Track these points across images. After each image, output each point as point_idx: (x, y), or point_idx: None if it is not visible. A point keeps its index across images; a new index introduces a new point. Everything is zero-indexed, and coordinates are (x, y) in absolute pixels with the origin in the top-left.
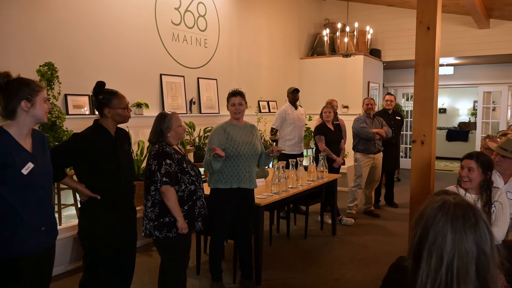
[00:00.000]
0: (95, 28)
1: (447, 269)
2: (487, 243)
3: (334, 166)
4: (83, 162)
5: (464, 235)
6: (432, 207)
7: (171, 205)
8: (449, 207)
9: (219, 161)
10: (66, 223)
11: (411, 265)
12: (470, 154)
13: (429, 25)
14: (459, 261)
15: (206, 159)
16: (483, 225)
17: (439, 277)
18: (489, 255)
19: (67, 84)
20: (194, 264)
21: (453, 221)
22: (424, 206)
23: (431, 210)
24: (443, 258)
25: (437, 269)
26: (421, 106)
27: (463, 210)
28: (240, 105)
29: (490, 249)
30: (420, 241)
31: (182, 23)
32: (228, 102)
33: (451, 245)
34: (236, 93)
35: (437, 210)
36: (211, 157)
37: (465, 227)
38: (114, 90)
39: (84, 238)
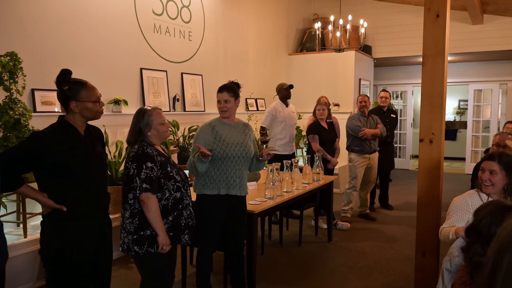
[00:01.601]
0: (68, 16)
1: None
2: None
3: (329, 167)
4: (44, 166)
5: None
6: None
7: (151, 216)
8: None
9: (204, 162)
10: (33, 235)
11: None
12: (492, 155)
13: (438, 12)
14: None
15: (190, 160)
16: None
17: None
18: None
19: (34, 78)
20: (180, 278)
21: None
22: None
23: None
24: None
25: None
26: (429, 102)
27: None
28: (226, 102)
29: None
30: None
31: (164, 14)
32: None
33: None
34: (222, 88)
35: None
36: (195, 158)
37: None
38: (83, 80)
39: (47, 259)
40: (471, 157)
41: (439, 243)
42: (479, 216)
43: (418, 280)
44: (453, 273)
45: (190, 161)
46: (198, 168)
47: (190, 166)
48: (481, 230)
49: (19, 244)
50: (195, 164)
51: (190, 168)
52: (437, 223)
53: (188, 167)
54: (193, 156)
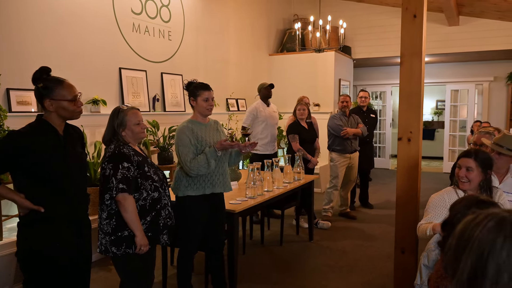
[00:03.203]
0: (44, 14)
1: None
2: None
3: (309, 167)
4: (21, 167)
5: None
6: (485, 228)
7: (128, 217)
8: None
9: (217, 156)
10: (9, 238)
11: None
12: (468, 152)
13: (415, 12)
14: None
15: (198, 160)
16: None
17: None
18: None
19: (9, 77)
20: (160, 279)
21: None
22: (466, 225)
23: (485, 232)
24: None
25: None
26: (407, 101)
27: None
28: (212, 100)
29: None
30: (474, 276)
31: (143, 13)
32: (197, 96)
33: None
34: (208, 86)
35: (495, 232)
36: (208, 153)
37: None
38: (60, 78)
39: (24, 261)
40: (449, 156)
41: (418, 241)
42: (454, 211)
43: (398, 277)
44: (431, 268)
45: (197, 160)
46: (211, 164)
47: (198, 165)
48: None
49: None
50: (209, 161)
51: (197, 167)
52: (416, 220)
53: (194, 168)
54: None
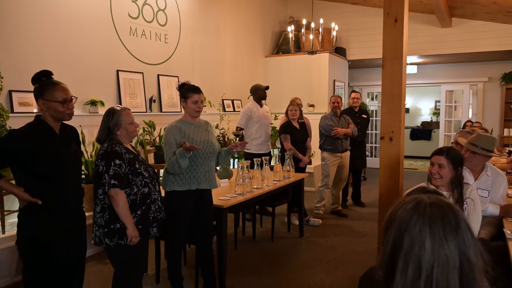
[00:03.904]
0: (46, 19)
1: (426, 281)
2: (471, 248)
3: (301, 166)
4: (20, 162)
5: (445, 240)
6: (405, 209)
7: (120, 211)
8: (425, 208)
9: (186, 157)
10: (10, 232)
11: (383, 277)
12: (440, 150)
13: (396, 17)
14: (439, 271)
15: (171, 159)
16: (465, 227)
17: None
18: (473, 262)
19: (11, 80)
20: (153, 272)
21: (432, 224)
22: (395, 208)
23: (404, 212)
24: (421, 268)
25: (414, 281)
26: (389, 102)
27: (442, 211)
28: (201, 103)
29: (475, 255)
30: (394, 249)
31: (140, 17)
32: (187, 98)
33: (430, 253)
34: (198, 89)
35: (412, 212)
36: (177, 154)
37: (446, 231)
38: (55, 81)
39: (23, 249)
40: None
41: None
42: None
43: None
44: None
45: (170, 160)
46: (181, 164)
47: (172, 164)
48: None
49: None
50: (178, 161)
51: (171, 167)
52: None
53: (168, 166)
54: (172, 155)
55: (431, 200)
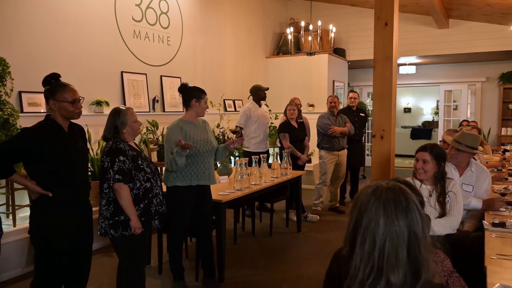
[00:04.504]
0: (54, 23)
1: (379, 253)
2: (418, 226)
3: (299, 164)
4: (32, 158)
5: (396, 218)
6: (366, 193)
7: (124, 204)
8: (382, 192)
9: (183, 156)
10: (21, 225)
11: (347, 252)
12: (424, 147)
13: (386, 21)
14: (390, 244)
15: (169, 158)
16: (415, 208)
17: (371, 261)
18: (420, 237)
19: (21, 81)
20: (156, 264)
21: (385, 205)
22: (359, 193)
23: (365, 196)
24: (375, 242)
25: (370, 253)
26: (380, 102)
27: (395, 194)
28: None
29: (422, 232)
30: (355, 227)
31: (143, 20)
32: (201, 98)
33: (383, 229)
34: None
35: (370, 195)
36: (174, 153)
37: (397, 211)
38: (65, 83)
39: (35, 237)
40: None
41: None
42: None
43: None
44: None
45: (168, 158)
46: (178, 162)
47: (170, 163)
48: None
49: (9, 233)
50: (175, 159)
51: (169, 165)
52: None
53: (167, 164)
54: (170, 153)
55: (388, 185)
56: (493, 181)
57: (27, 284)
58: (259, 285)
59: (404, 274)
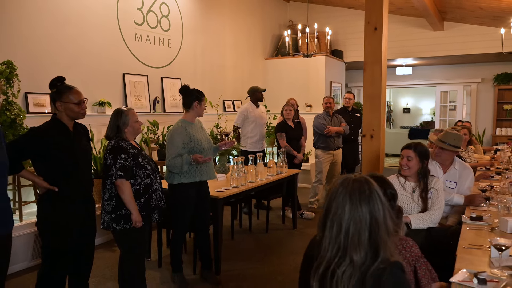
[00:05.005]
0: (57, 26)
1: (344, 235)
2: (380, 212)
3: (295, 162)
4: (39, 154)
5: (359, 205)
6: (335, 184)
7: (125, 198)
8: (349, 182)
9: (192, 165)
10: (27, 220)
11: (319, 236)
12: (409, 145)
13: (376, 25)
14: (354, 228)
15: (175, 160)
16: (377, 197)
17: (337, 242)
18: (380, 222)
19: (27, 83)
20: (156, 257)
21: (351, 194)
22: (331, 184)
23: (334, 186)
24: (341, 226)
25: (337, 236)
26: (370, 102)
27: (360, 184)
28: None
29: (383, 218)
30: (325, 214)
31: (145, 23)
32: (201, 100)
33: (348, 214)
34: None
35: (339, 186)
36: (184, 160)
37: (360, 199)
38: (70, 86)
39: (42, 229)
40: None
41: None
42: None
43: None
44: None
45: (175, 161)
46: (184, 168)
47: (174, 165)
48: None
49: (16, 228)
50: (183, 165)
51: (173, 166)
52: None
53: (169, 164)
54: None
55: (355, 177)
56: (479, 179)
57: (34, 276)
58: (254, 277)
59: (365, 253)
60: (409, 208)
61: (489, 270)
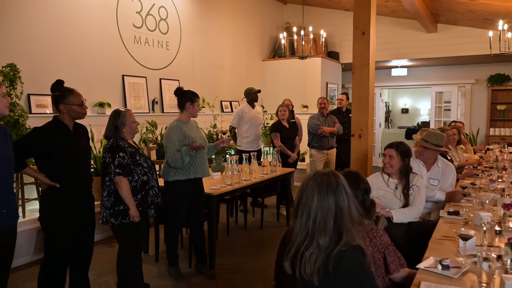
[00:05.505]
0: (59, 30)
1: (312, 222)
2: (344, 203)
3: (289, 161)
4: (42, 153)
5: (326, 196)
6: (307, 177)
7: (123, 195)
8: (318, 176)
9: (190, 154)
10: (30, 216)
11: (292, 223)
12: (391, 144)
13: (364, 30)
14: (321, 215)
15: (175, 155)
16: (342, 189)
17: (306, 228)
18: (344, 211)
19: (30, 84)
20: (153, 253)
21: (319, 186)
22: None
23: (306, 179)
24: (310, 214)
25: (306, 222)
26: (359, 104)
27: (328, 178)
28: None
29: (347, 207)
30: (297, 203)
31: (143, 26)
32: (194, 101)
33: (316, 204)
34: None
35: (310, 179)
36: (183, 152)
37: (327, 191)
38: (71, 88)
39: (44, 222)
40: None
41: None
42: None
43: None
44: None
45: (174, 155)
46: (185, 159)
47: (175, 160)
48: None
49: (19, 223)
50: (183, 157)
51: (174, 162)
52: None
53: (171, 161)
54: (177, 151)
55: (325, 172)
56: (464, 177)
57: (36, 270)
58: (247, 271)
59: (330, 238)
60: (392, 203)
61: (455, 258)
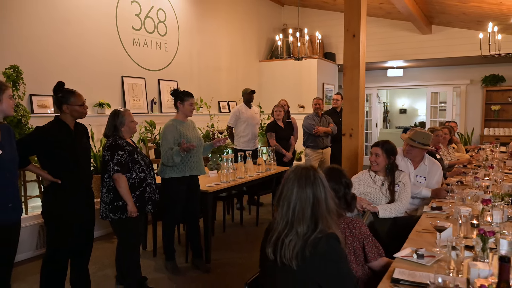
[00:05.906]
0: (60, 32)
1: (292, 211)
2: (321, 194)
3: (284, 160)
4: (44, 151)
5: (304, 188)
6: (289, 171)
7: (122, 191)
8: (298, 170)
9: (181, 156)
10: (32, 212)
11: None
12: (377, 143)
13: (354, 33)
14: (299, 206)
15: (167, 153)
16: (320, 182)
17: (286, 217)
18: (321, 201)
19: (32, 85)
20: (151, 248)
21: (299, 179)
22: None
23: (287, 173)
24: (290, 204)
25: (286, 212)
26: (350, 104)
27: (307, 171)
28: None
29: (324, 198)
30: (279, 195)
31: (142, 29)
32: (184, 101)
33: (295, 195)
34: (192, 95)
35: (291, 173)
36: (174, 152)
37: (306, 183)
38: (72, 89)
39: (47, 217)
40: None
41: None
42: None
43: None
44: None
45: (167, 153)
46: (175, 159)
47: (167, 158)
48: None
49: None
50: (173, 157)
51: (166, 160)
52: None
53: (164, 159)
54: (170, 149)
55: (304, 166)
56: (453, 175)
57: (38, 264)
58: (241, 266)
59: (307, 226)
60: (378, 199)
61: (431, 249)
